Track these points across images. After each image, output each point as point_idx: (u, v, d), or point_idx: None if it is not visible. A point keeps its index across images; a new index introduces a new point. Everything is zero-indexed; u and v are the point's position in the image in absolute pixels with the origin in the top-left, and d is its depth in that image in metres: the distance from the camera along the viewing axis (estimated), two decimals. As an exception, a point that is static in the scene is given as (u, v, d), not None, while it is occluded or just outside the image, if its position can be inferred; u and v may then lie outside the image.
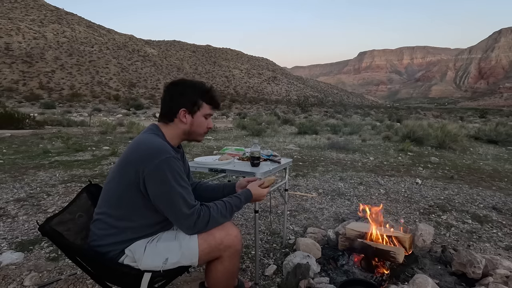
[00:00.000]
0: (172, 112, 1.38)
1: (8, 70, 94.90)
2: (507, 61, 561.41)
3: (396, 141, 9.99)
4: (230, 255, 1.37)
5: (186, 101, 1.38)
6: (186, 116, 1.38)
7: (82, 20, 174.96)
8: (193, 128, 1.42)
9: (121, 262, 1.29)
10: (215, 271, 1.40)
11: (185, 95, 1.38)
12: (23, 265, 2.15)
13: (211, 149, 7.83)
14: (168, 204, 1.24)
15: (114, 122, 15.22)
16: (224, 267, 1.39)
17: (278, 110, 52.70)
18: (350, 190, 4.34)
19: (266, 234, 2.78)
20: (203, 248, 1.31)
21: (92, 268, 1.30)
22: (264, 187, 1.57)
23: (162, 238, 1.33)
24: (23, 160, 5.73)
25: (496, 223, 3.20)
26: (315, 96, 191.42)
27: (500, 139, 10.68)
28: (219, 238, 1.33)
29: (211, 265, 1.41)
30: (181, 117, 1.38)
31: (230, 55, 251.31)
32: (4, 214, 3.11)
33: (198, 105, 1.40)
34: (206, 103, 1.42)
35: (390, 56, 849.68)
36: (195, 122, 1.41)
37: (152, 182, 1.22)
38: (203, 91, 1.41)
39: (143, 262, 1.26)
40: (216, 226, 1.33)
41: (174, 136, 1.41)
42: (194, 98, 1.39)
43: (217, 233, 1.34)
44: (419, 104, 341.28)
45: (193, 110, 1.39)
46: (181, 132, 1.41)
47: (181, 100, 1.37)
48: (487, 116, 45.92)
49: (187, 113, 1.38)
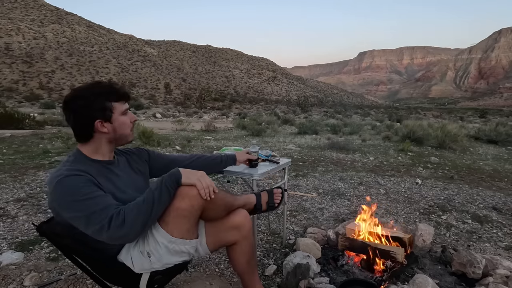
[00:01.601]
0: (87, 129, 1.26)
1: (8, 70, 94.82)
2: (507, 61, 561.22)
3: (396, 141, 9.99)
4: (243, 236, 1.47)
5: (95, 111, 1.25)
6: (104, 125, 1.27)
7: (82, 20, 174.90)
8: (118, 132, 1.31)
9: (120, 261, 1.29)
10: (233, 254, 1.52)
11: (90, 105, 1.24)
12: (23, 265, 2.15)
13: (211, 149, 7.83)
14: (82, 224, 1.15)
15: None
16: (243, 249, 1.50)
17: (278, 110, 52.68)
18: (350, 190, 4.34)
19: (266, 234, 2.78)
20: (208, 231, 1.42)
21: (91, 268, 1.31)
22: None
23: (141, 236, 1.29)
24: (23, 160, 5.73)
25: (496, 223, 3.19)
26: (315, 96, 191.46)
27: (500, 139, 10.66)
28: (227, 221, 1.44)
29: (230, 250, 1.52)
30: (99, 129, 1.27)
31: (230, 55, 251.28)
32: (4, 214, 3.10)
33: (109, 108, 1.27)
34: (115, 101, 1.29)
35: (390, 56, 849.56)
36: (116, 126, 1.30)
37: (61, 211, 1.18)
38: (106, 92, 1.28)
39: (135, 266, 1.27)
40: (141, 221, 1.17)
41: (99, 150, 1.31)
42: (101, 104, 1.26)
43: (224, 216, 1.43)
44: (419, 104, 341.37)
45: (108, 116, 1.27)
46: (106, 142, 1.31)
47: (88, 113, 1.24)
48: (487, 116, 45.89)
49: (104, 122, 1.26)
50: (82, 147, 1.30)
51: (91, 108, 1.24)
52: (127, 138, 1.37)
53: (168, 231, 1.25)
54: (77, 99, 1.24)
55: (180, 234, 1.28)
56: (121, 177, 1.36)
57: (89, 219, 1.13)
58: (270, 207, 1.67)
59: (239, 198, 1.55)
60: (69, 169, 1.20)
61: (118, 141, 1.35)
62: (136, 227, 1.17)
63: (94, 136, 1.28)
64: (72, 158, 1.27)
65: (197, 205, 1.27)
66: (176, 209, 1.25)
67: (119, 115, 1.30)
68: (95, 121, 1.25)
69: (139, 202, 1.20)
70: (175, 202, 1.25)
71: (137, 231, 1.19)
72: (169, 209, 1.26)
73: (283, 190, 1.77)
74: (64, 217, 1.18)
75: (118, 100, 1.30)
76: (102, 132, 1.27)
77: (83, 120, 1.25)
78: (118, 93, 1.30)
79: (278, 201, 1.69)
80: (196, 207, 1.27)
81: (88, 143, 1.29)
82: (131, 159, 1.49)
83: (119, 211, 1.16)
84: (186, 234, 1.30)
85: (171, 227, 1.26)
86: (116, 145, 1.37)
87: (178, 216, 1.25)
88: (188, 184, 1.25)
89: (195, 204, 1.26)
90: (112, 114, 1.28)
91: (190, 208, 1.26)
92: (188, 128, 13.86)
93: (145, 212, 1.18)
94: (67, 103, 1.25)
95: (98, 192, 1.18)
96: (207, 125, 13.70)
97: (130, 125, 1.36)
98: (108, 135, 1.29)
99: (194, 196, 1.25)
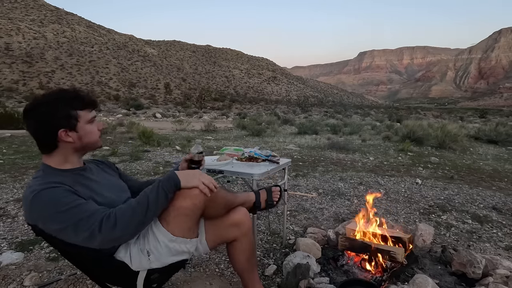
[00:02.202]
0: (50, 139, 1.19)
1: (8, 70, 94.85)
2: (507, 61, 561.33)
3: (396, 141, 9.99)
4: (243, 233, 1.48)
5: (59, 120, 1.17)
6: (69, 134, 1.20)
7: (82, 20, 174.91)
8: (84, 141, 1.24)
9: (118, 259, 1.28)
10: (233, 252, 1.52)
11: (53, 113, 1.17)
12: (23, 265, 2.15)
13: (211, 149, 7.83)
14: (70, 233, 1.12)
15: (114, 122, 15.21)
16: (243, 246, 1.50)
17: (278, 110, 52.68)
18: (350, 190, 4.34)
19: (266, 234, 2.78)
20: (208, 229, 1.42)
21: (90, 267, 1.30)
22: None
23: (141, 234, 1.29)
24: (23, 160, 5.73)
25: (496, 223, 3.19)
26: (315, 96, 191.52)
27: (500, 139, 10.67)
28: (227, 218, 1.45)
29: (230, 247, 1.52)
30: (64, 139, 1.19)
31: (230, 55, 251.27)
32: (4, 214, 3.10)
33: (74, 116, 1.20)
34: (80, 109, 1.22)
35: (390, 56, 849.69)
36: (82, 134, 1.23)
37: (48, 225, 1.13)
38: (70, 99, 1.21)
39: (132, 264, 1.26)
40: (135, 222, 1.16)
41: (68, 159, 1.25)
42: (65, 112, 1.18)
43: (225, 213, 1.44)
44: (419, 104, 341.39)
45: (73, 125, 1.20)
46: (72, 152, 1.25)
47: (52, 122, 1.17)
48: (487, 116, 45.90)
49: (68, 131, 1.19)
50: (48, 160, 1.23)
51: (54, 117, 1.16)
52: (94, 145, 1.30)
53: (169, 230, 1.25)
54: (39, 107, 1.17)
55: (181, 233, 1.27)
56: (97, 181, 1.32)
57: (77, 226, 1.09)
58: (268, 205, 1.68)
59: (239, 196, 1.57)
60: (42, 183, 1.13)
61: (85, 149, 1.29)
62: (130, 229, 1.15)
63: (59, 146, 1.21)
64: (41, 173, 1.21)
65: (199, 204, 1.27)
66: (178, 208, 1.25)
67: (85, 123, 1.23)
68: (59, 130, 1.17)
69: (132, 204, 1.17)
70: (177, 201, 1.25)
71: (131, 233, 1.18)
72: (171, 208, 1.25)
73: (281, 189, 1.78)
74: (49, 231, 1.14)
75: (84, 108, 1.23)
76: (67, 142, 1.20)
77: (46, 129, 1.18)
78: (83, 101, 1.23)
79: (276, 199, 1.71)
80: (198, 206, 1.28)
81: (52, 154, 1.22)
82: (101, 165, 1.46)
83: (109, 213, 1.13)
84: (187, 233, 1.30)
85: (173, 226, 1.26)
86: (84, 153, 1.32)
87: (180, 215, 1.25)
88: (189, 188, 1.24)
89: (197, 203, 1.27)
90: (77, 122, 1.21)
91: (192, 207, 1.26)
92: (188, 128, 13.87)
93: (139, 214, 1.16)
94: (28, 111, 1.17)
95: (80, 201, 1.14)
96: (207, 125, 13.71)
97: (97, 133, 1.29)
98: (73, 145, 1.22)
99: (196, 195, 1.26)
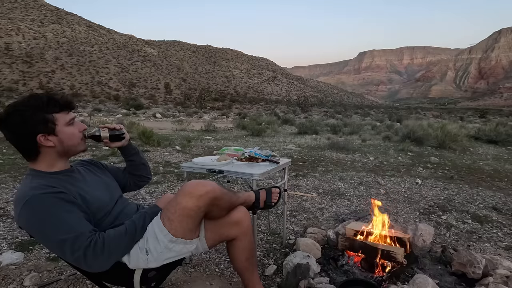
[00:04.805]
0: (30, 146, 1.18)
1: (8, 70, 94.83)
2: (507, 61, 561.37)
3: (396, 141, 9.99)
4: (243, 232, 1.48)
5: (35, 126, 1.15)
6: (49, 138, 1.18)
7: (82, 20, 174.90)
8: (65, 144, 1.22)
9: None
10: (233, 251, 1.52)
11: (28, 120, 1.15)
12: (23, 265, 2.15)
13: (211, 149, 7.83)
14: (55, 251, 1.13)
15: (114, 122, 15.22)
16: (242, 245, 1.50)
17: (278, 110, 52.71)
18: (350, 190, 4.34)
19: (265, 234, 2.78)
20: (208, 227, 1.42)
21: None
22: None
23: None
24: (23, 160, 5.72)
25: (496, 223, 3.19)
26: (315, 96, 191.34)
27: (500, 139, 10.66)
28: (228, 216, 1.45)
29: (230, 246, 1.53)
30: (44, 144, 1.18)
31: (230, 55, 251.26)
32: (4, 214, 3.11)
33: (50, 120, 1.18)
34: (56, 112, 1.20)
35: (390, 56, 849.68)
36: (63, 137, 1.21)
37: (32, 233, 1.15)
38: (44, 103, 1.17)
39: (130, 262, 1.26)
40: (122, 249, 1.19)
41: (54, 163, 1.23)
42: (40, 117, 1.16)
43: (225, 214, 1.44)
44: (419, 104, 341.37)
45: (51, 129, 1.18)
46: (56, 156, 1.23)
47: (28, 129, 1.15)
48: (487, 116, 45.85)
49: (47, 135, 1.18)
50: (34, 166, 1.22)
51: (28, 124, 1.14)
52: (77, 148, 1.28)
53: (171, 230, 1.25)
54: (12, 116, 1.15)
55: (183, 234, 1.27)
56: (87, 181, 1.32)
57: (61, 248, 1.10)
58: (267, 205, 1.69)
59: (240, 196, 1.57)
60: (32, 187, 1.12)
61: (68, 153, 1.27)
62: (116, 255, 1.18)
63: (41, 152, 1.20)
64: (30, 177, 1.20)
65: (204, 206, 1.28)
66: (182, 208, 1.25)
67: (63, 126, 1.21)
68: (37, 135, 1.16)
69: (121, 232, 1.19)
70: (182, 200, 1.25)
71: (116, 259, 1.19)
72: (175, 207, 1.26)
73: (281, 190, 1.79)
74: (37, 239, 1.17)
75: (61, 110, 1.21)
76: (48, 146, 1.19)
77: (23, 137, 1.16)
78: (58, 103, 1.21)
79: (275, 200, 1.72)
80: (203, 208, 1.28)
81: (37, 160, 1.22)
82: (89, 166, 1.46)
83: (95, 240, 1.11)
84: (189, 234, 1.30)
85: (175, 226, 1.26)
86: (68, 156, 1.30)
87: (183, 215, 1.25)
88: None
89: (202, 205, 1.27)
90: (55, 126, 1.19)
91: (196, 209, 1.26)
92: (188, 128, 13.87)
93: (127, 242, 1.21)
94: (1, 122, 1.15)
95: (67, 215, 1.11)
96: (207, 125, 13.71)
97: (79, 135, 1.27)
98: (55, 149, 1.21)
99: (202, 196, 1.26)
